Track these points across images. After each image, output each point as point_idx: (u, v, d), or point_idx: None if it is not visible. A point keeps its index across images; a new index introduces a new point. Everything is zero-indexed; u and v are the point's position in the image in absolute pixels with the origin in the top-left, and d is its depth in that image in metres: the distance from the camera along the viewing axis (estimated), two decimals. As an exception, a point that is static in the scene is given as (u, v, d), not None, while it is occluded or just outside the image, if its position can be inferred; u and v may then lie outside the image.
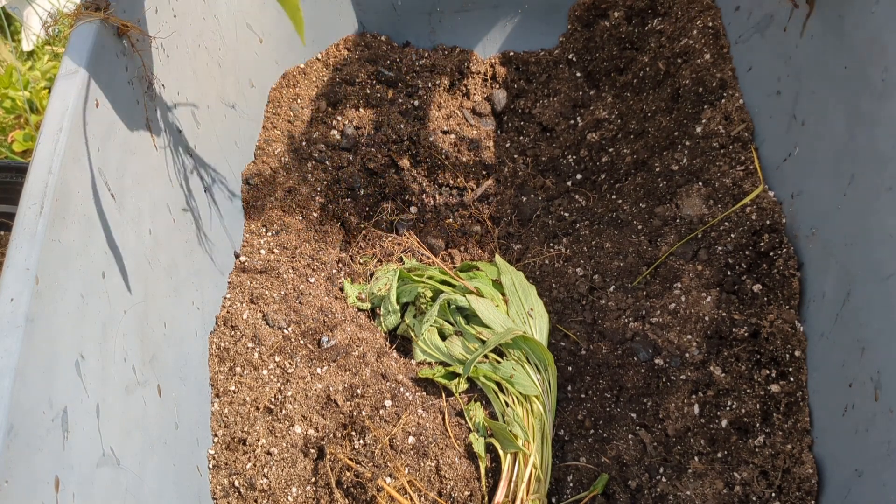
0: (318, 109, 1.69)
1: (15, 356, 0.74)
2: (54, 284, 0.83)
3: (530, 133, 1.71)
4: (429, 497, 1.14)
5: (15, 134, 1.99)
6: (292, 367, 1.29)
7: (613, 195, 1.53)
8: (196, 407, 1.19)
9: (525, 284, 1.40)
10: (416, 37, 1.89)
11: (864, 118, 1.07)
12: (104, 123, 0.99)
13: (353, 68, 1.77)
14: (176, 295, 1.18)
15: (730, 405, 1.17)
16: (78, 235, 0.89)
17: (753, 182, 1.35)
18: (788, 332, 1.18)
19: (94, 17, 0.99)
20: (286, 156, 1.61)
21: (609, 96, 1.66)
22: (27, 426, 0.73)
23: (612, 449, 1.19)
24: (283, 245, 1.50)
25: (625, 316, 1.32)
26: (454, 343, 1.34)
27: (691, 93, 1.50)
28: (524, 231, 1.60)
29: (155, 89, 1.16)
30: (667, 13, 1.65)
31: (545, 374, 1.27)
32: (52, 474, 0.76)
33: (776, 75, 1.35)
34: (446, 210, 1.64)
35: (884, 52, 1.03)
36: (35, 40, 2.24)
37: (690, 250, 1.34)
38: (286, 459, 1.19)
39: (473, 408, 1.26)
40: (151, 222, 1.12)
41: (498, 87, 1.79)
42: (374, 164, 1.63)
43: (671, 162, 1.47)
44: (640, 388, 1.24)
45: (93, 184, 0.95)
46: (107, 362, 0.92)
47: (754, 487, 1.10)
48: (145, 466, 0.98)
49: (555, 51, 1.79)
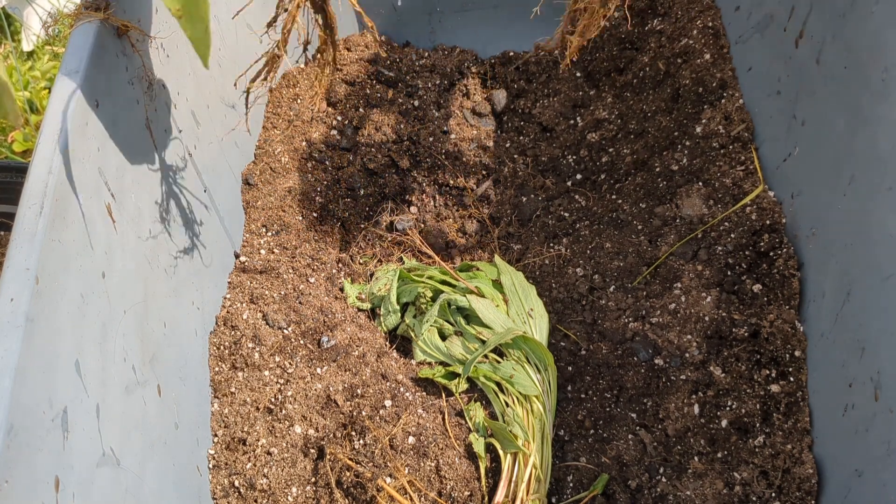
0: (318, 109, 1.69)
1: (15, 356, 0.74)
2: (54, 284, 0.83)
3: (530, 133, 1.70)
4: (429, 497, 1.14)
5: (15, 134, 1.99)
6: (292, 367, 1.29)
7: (613, 195, 1.53)
8: (196, 407, 1.19)
9: (525, 284, 1.40)
10: (416, 37, 1.89)
11: (864, 118, 1.07)
12: (104, 123, 0.99)
13: (353, 68, 1.77)
14: (176, 295, 1.18)
15: (730, 405, 1.17)
16: (78, 235, 0.89)
17: (753, 182, 1.35)
18: (788, 332, 1.18)
19: (94, 17, 0.99)
20: (286, 156, 1.61)
21: (609, 96, 1.66)
22: (27, 426, 0.73)
23: (612, 449, 1.19)
24: (283, 245, 1.50)
25: (625, 316, 1.32)
26: (454, 343, 1.34)
27: (691, 93, 1.50)
28: (524, 231, 1.59)
29: (155, 89, 1.16)
30: (667, 13, 1.65)
31: (545, 374, 1.27)
32: (52, 474, 0.76)
33: (776, 75, 1.35)
34: (446, 210, 1.64)
35: (884, 52, 1.03)
36: (35, 40, 2.23)
37: (690, 250, 1.34)
38: (286, 459, 1.19)
39: (473, 408, 1.26)
40: (151, 222, 1.12)
41: (498, 87, 1.79)
42: (374, 164, 1.63)
43: (671, 162, 1.47)
44: (640, 388, 1.24)
45: (93, 184, 0.95)
46: (107, 362, 0.92)
47: (754, 487, 1.10)
48: (145, 466, 0.98)
49: (555, 51, 1.78)
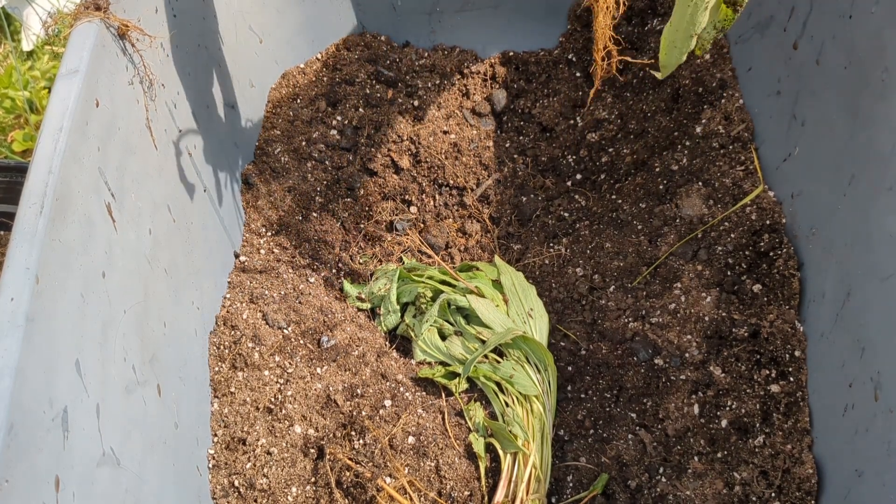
0: (318, 109, 1.69)
1: (15, 356, 0.74)
2: (54, 284, 0.83)
3: (530, 133, 1.70)
4: (429, 497, 1.14)
5: (15, 134, 1.99)
6: (292, 367, 1.29)
7: (613, 195, 1.53)
8: (196, 407, 1.19)
9: (525, 284, 1.40)
10: (416, 37, 1.89)
11: (864, 118, 1.07)
12: (104, 123, 0.99)
13: (353, 68, 1.77)
14: (176, 295, 1.18)
15: (730, 405, 1.17)
16: (78, 235, 0.89)
17: (753, 182, 1.35)
18: (788, 332, 1.18)
19: (94, 17, 0.99)
20: (286, 156, 1.61)
21: (609, 96, 1.66)
22: (27, 426, 0.73)
23: (611, 449, 1.19)
24: (283, 245, 1.50)
25: (625, 316, 1.32)
26: (454, 343, 1.34)
27: (691, 93, 1.50)
28: (524, 231, 1.59)
29: (155, 89, 1.16)
30: (667, 13, 1.65)
31: (545, 374, 1.27)
32: (53, 474, 0.76)
33: (776, 75, 1.35)
34: (446, 210, 1.64)
35: (884, 52, 1.03)
36: (35, 40, 2.23)
37: (690, 250, 1.34)
38: (286, 459, 1.19)
39: (473, 408, 1.26)
40: (151, 222, 1.12)
41: (498, 87, 1.79)
42: (374, 164, 1.63)
43: (671, 162, 1.47)
44: (640, 388, 1.24)
45: (93, 184, 0.95)
46: (107, 362, 0.92)
47: (754, 487, 1.10)
48: (145, 466, 0.98)
49: (555, 51, 1.79)
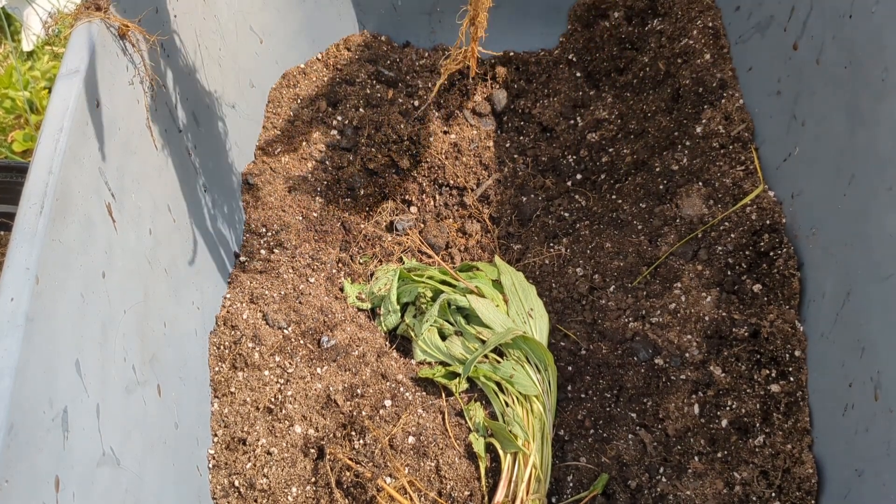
0: (318, 109, 1.69)
1: (15, 356, 0.74)
2: (54, 284, 0.83)
3: (530, 133, 1.70)
4: (429, 497, 1.14)
5: (15, 134, 1.99)
6: (292, 367, 1.29)
7: (613, 195, 1.53)
8: (196, 407, 1.19)
9: (525, 284, 1.40)
10: (416, 37, 1.89)
11: (864, 118, 1.07)
12: (104, 123, 0.99)
13: (353, 68, 1.77)
14: (176, 295, 1.18)
15: (730, 405, 1.17)
16: (78, 235, 0.89)
17: (753, 182, 1.35)
18: (788, 332, 1.18)
19: (94, 17, 0.99)
20: (286, 156, 1.61)
21: (609, 96, 1.66)
22: (27, 426, 0.73)
23: (612, 449, 1.19)
24: (283, 245, 1.50)
25: (625, 316, 1.32)
26: (454, 343, 1.34)
27: (691, 93, 1.50)
28: (524, 231, 1.59)
29: (155, 89, 1.16)
30: (667, 13, 1.65)
31: (545, 374, 1.27)
32: (53, 474, 0.76)
33: (776, 75, 1.35)
34: (446, 210, 1.64)
35: (884, 52, 1.03)
36: (35, 40, 2.23)
37: (690, 250, 1.34)
38: (286, 459, 1.19)
39: (473, 408, 1.26)
40: (151, 222, 1.12)
41: (498, 87, 1.79)
42: (374, 164, 1.63)
43: (671, 162, 1.47)
44: (640, 388, 1.24)
45: (93, 184, 0.95)
46: (107, 362, 0.92)
47: (754, 487, 1.10)
48: (145, 466, 0.98)
49: (555, 51, 1.79)
